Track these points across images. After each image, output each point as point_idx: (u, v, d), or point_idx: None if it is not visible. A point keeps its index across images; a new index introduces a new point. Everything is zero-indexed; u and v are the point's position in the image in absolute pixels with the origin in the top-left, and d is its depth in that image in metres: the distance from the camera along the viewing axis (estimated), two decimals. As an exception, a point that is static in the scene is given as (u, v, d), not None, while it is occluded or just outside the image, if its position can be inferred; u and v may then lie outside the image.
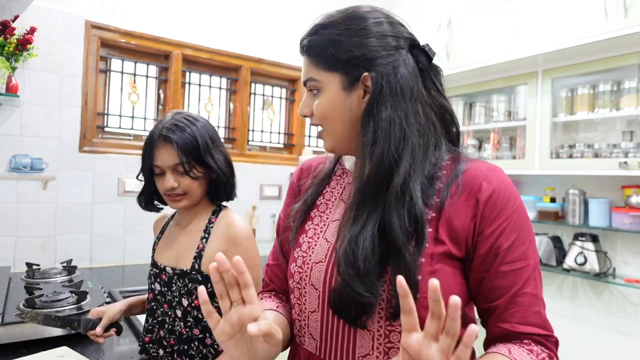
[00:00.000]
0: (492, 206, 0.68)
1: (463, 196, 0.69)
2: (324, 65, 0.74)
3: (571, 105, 2.35)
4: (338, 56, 0.73)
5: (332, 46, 0.73)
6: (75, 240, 2.21)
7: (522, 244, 0.68)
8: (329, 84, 0.74)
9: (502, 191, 0.68)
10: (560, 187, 2.47)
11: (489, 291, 0.68)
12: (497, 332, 0.68)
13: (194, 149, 1.10)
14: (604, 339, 2.30)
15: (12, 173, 2.03)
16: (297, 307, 0.79)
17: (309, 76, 0.76)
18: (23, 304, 1.36)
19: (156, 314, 1.16)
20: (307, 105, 0.77)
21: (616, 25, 1.97)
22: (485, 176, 0.69)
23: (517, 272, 0.67)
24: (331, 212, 0.81)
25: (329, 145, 0.78)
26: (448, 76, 2.86)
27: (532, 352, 0.64)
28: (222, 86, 2.82)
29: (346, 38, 0.73)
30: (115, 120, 2.43)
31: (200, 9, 2.59)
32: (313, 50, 0.76)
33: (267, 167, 2.82)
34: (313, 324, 0.76)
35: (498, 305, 0.67)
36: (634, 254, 2.24)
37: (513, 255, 0.67)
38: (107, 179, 2.30)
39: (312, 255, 0.76)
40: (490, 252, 0.67)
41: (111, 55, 2.42)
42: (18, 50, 1.94)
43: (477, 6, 2.59)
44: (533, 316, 0.66)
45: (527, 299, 0.66)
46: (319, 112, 0.75)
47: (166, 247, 1.22)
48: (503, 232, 0.67)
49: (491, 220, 0.67)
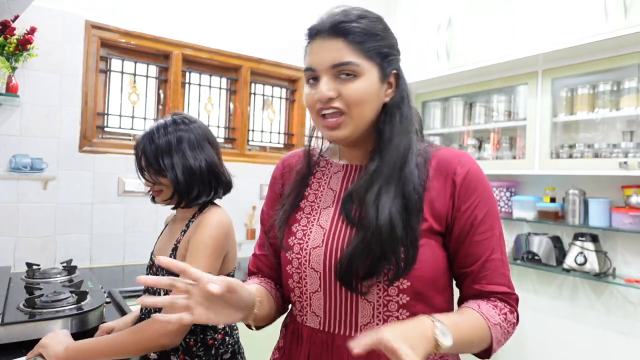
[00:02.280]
0: (467, 186, 0.79)
1: (441, 178, 0.80)
2: (366, 54, 0.78)
3: (571, 105, 2.35)
4: (381, 50, 0.79)
5: (376, 38, 0.79)
6: (75, 240, 2.21)
7: (491, 217, 0.80)
8: (369, 72, 0.78)
9: (474, 173, 0.80)
10: (560, 187, 2.47)
11: (464, 258, 0.80)
12: (471, 292, 0.80)
13: (152, 154, 1.21)
14: (604, 339, 2.30)
15: (12, 173, 2.04)
16: (298, 289, 0.85)
17: (348, 60, 0.77)
18: (23, 304, 1.36)
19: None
20: (333, 88, 0.77)
21: (616, 25, 1.97)
22: (458, 160, 0.81)
23: (487, 240, 0.79)
24: (321, 200, 0.87)
25: (346, 133, 0.80)
26: (448, 76, 2.88)
27: (496, 307, 0.77)
28: (222, 86, 2.82)
29: (385, 34, 0.81)
30: (115, 120, 2.43)
31: (200, 9, 2.59)
32: (356, 37, 0.77)
33: (267, 167, 2.81)
34: (315, 302, 0.82)
35: (472, 271, 0.79)
36: (634, 254, 2.24)
37: (484, 227, 0.79)
38: (107, 179, 2.30)
39: (309, 241, 0.83)
40: (466, 225, 0.79)
41: (111, 55, 2.42)
42: (18, 50, 1.94)
43: (477, 6, 2.59)
44: (499, 277, 0.79)
45: (495, 263, 0.79)
46: (354, 96, 0.77)
47: (161, 241, 1.32)
48: (476, 207, 0.79)
49: (466, 197, 0.79)
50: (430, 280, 0.78)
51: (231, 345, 1.25)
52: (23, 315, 1.29)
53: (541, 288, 2.59)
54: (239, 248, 2.63)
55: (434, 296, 0.79)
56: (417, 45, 2.93)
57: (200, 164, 1.22)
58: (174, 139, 1.21)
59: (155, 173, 1.21)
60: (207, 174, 1.24)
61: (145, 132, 1.25)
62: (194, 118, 1.30)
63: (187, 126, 1.25)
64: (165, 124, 1.24)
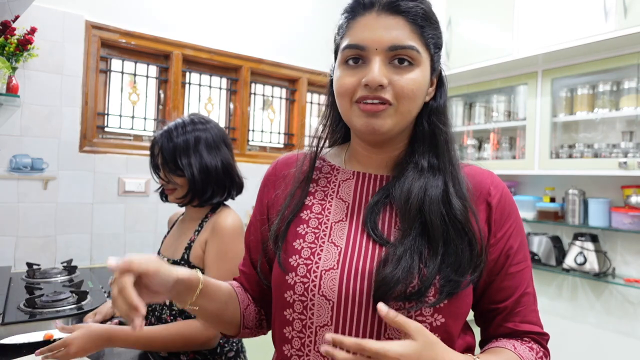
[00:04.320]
0: (502, 209, 0.69)
1: (474, 200, 0.69)
2: (425, 41, 0.66)
3: (571, 105, 2.36)
4: (437, 40, 0.68)
5: (434, 25, 0.68)
6: (75, 240, 2.21)
7: (524, 246, 0.71)
8: (424, 62, 0.67)
9: (507, 195, 0.71)
10: (560, 187, 2.48)
11: (496, 292, 0.70)
12: (501, 331, 0.71)
13: (169, 153, 1.21)
14: (604, 339, 2.30)
15: (12, 173, 2.04)
16: (299, 322, 0.68)
17: (411, 44, 0.64)
18: (23, 304, 1.36)
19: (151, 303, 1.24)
20: (385, 74, 0.64)
21: (616, 26, 1.97)
22: (491, 180, 0.71)
23: (522, 272, 0.70)
24: (330, 212, 0.73)
25: (389, 124, 0.66)
26: (448, 76, 2.86)
27: (532, 350, 0.69)
28: (222, 86, 2.82)
29: (438, 24, 0.69)
30: (115, 120, 2.43)
31: (200, 9, 2.59)
32: (418, 19, 0.65)
33: (267, 167, 2.80)
34: (322, 339, 0.67)
35: (506, 307, 0.69)
36: (633, 254, 2.24)
37: (519, 257, 0.70)
38: (108, 179, 2.30)
39: (320, 262, 0.68)
40: (502, 255, 0.69)
41: (111, 55, 2.42)
42: (18, 51, 1.94)
43: (477, 6, 2.59)
44: (532, 315, 0.71)
45: (529, 298, 0.70)
46: (408, 86, 0.64)
47: (170, 240, 1.31)
48: (512, 234, 0.69)
49: (502, 223, 0.69)
50: (462, 315, 0.67)
51: (235, 343, 1.27)
52: (23, 315, 1.29)
53: (541, 288, 2.59)
54: (239, 248, 2.63)
55: (458, 334, 0.69)
56: (417, 45, 2.92)
57: (217, 165, 1.23)
58: (192, 138, 1.21)
59: (170, 171, 1.21)
60: (222, 175, 1.24)
61: (163, 130, 1.24)
62: (209, 118, 1.30)
63: (204, 126, 1.25)
64: (184, 123, 1.24)
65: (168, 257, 1.22)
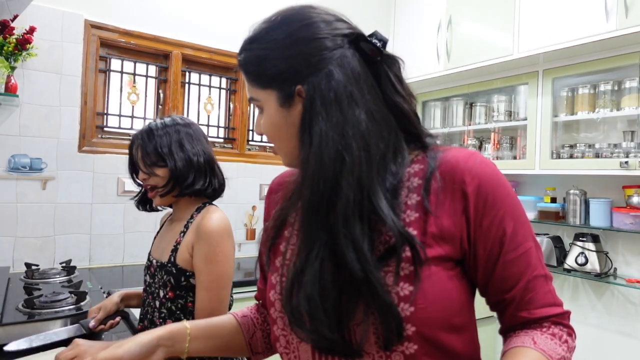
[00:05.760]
0: (484, 195, 0.63)
1: (447, 190, 0.63)
2: (258, 84, 0.70)
3: (572, 105, 2.35)
4: (267, 72, 0.68)
5: (259, 63, 0.69)
6: (74, 240, 2.20)
7: (522, 226, 0.65)
8: (267, 102, 0.70)
9: (489, 179, 0.64)
10: (561, 187, 2.47)
11: (500, 282, 0.65)
12: (517, 321, 0.66)
13: (151, 146, 1.21)
14: (605, 340, 2.29)
15: (11, 173, 2.03)
16: (283, 338, 0.70)
17: (250, 96, 0.73)
18: (22, 305, 1.35)
19: (145, 305, 1.24)
20: (258, 124, 0.73)
21: (617, 25, 1.97)
22: (465, 165, 0.64)
23: (524, 256, 0.64)
24: None
25: (284, 162, 0.74)
26: (448, 76, 2.88)
27: (554, 337, 0.64)
28: (222, 86, 2.82)
29: (271, 51, 0.68)
30: (114, 120, 2.43)
31: (200, 9, 2.58)
32: (246, 68, 0.71)
33: (267, 167, 2.81)
34: (304, 355, 0.67)
35: (514, 296, 0.65)
36: (635, 254, 2.23)
37: (516, 240, 0.64)
38: (107, 179, 2.29)
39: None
40: (494, 244, 0.64)
41: (111, 55, 2.41)
42: (17, 50, 1.94)
43: (477, 6, 2.59)
44: (546, 297, 0.65)
45: (539, 281, 0.65)
46: (265, 131, 0.72)
47: (158, 241, 1.30)
48: (503, 218, 0.63)
49: (486, 210, 0.63)
50: (441, 320, 0.62)
51: None
52: (22, 316, 1.28)
53: (542, 288, 2.59)
54: (238, 248, 2.62)
55: (449, 340, 0.63)
56: (417, 45, 2.92)
57: (198, 152, 1.23)
58: (173, 131, 1.22)
59: (151, 164, 1.19)
60: (204, 164, 1.24)
61: (143, 128, 1.25)
62: (191, 120, 1.31)
63: (185, 122, 1.27)
64: (164, 121, 1.25)
65: (157, 259, 1.22)
